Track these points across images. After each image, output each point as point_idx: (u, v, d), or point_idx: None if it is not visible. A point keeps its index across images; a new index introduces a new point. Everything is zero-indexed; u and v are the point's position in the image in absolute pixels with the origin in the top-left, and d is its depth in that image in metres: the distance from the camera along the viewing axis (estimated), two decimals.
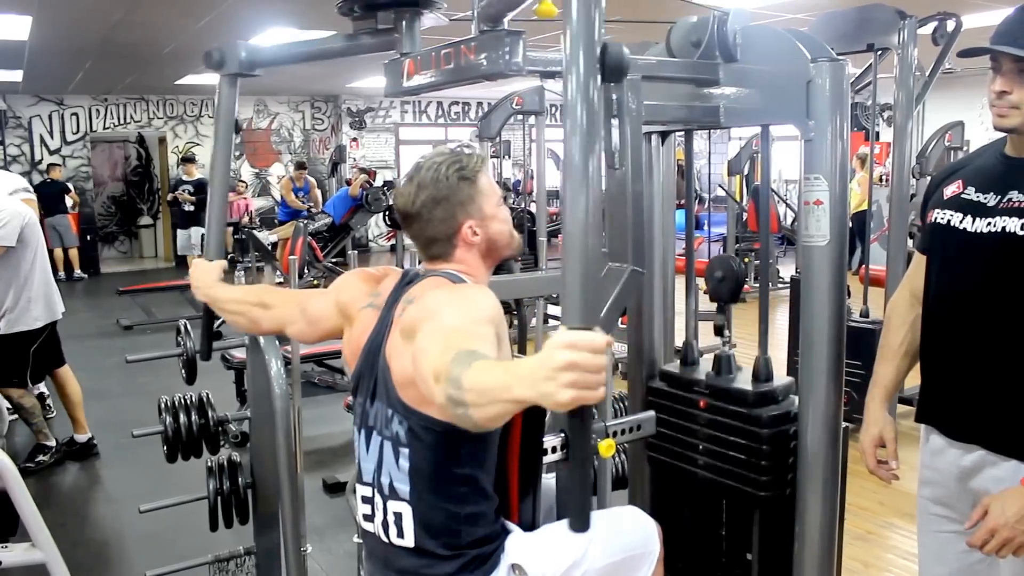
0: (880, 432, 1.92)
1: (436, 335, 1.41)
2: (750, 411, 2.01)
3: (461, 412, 1.24)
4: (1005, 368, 1.71)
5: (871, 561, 3.36)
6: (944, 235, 1.81)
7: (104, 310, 8.96)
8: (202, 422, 2.63)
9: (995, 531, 1.59)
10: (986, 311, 1.72)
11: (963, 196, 1.79)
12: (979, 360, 1.74)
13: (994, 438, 1.73)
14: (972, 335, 1.75)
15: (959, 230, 1.77)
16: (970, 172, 1.83)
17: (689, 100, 2.01)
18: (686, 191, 2.36)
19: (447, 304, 1.55)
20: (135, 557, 3.59)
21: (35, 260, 4.39)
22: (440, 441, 1.59)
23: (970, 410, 1.77)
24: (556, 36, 1.30)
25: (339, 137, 14.96)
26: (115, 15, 6.86)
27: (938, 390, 1.85)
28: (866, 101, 6.91)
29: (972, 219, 1.75)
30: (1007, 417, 1.71)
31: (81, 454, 4.74)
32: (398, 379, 1.61)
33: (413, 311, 1.57)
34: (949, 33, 4.80)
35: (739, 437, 2.03)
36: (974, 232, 1.74)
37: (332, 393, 5.30)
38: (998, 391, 1.72)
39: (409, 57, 1.87)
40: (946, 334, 1.81)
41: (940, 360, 1.84)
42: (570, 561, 1.69)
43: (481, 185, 1.71)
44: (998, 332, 1.71)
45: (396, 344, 1.60)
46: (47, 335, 4.50)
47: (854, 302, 4.74)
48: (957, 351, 1.79)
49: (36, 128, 12.97)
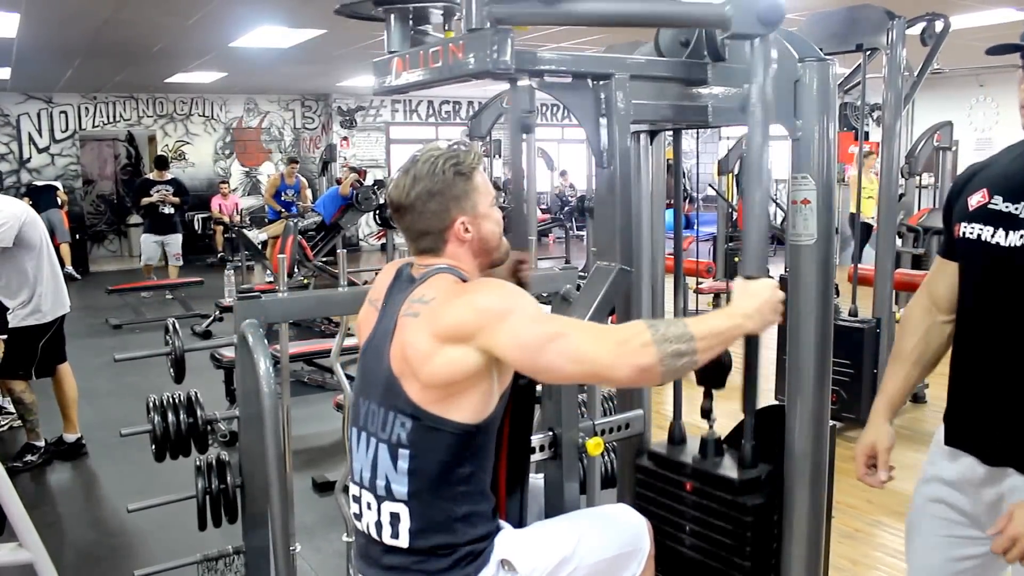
0: (873, 442, 1.87)
1: (546, 323, 1.57)
2: (735, 499, 2.00)
3: (684, 362, 1.52)
4: None
5: (859, 559, 3.37)
6: (976, 251, 1.69)
7: (93, 309, 8.92)
8: (191, 421, 2.62)
9: (1018, 538, 1.53)
10: (1022, 329, 1.63)
11: (991, 207, 1.67)
12: (1015, 379, 1.65)
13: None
14: (1007, 354, 1.66)
15: (992, 245, 1.65)
16: (996, 179, 1.71)
17: (678, 99, 2.02)
18: (674, 190, 2.36)
19: (507, 298, 1.59)
20: (123, 556, 3.57)
21: (41, 257, 4.40)
22: (450, 442, 1.60)
23: (1004, 432, 1.67)
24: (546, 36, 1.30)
25: (329, 136, 14.94)
26: (104, 13, 6.83)
27: (970, 412, 1.75)
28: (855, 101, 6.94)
29: (1005, 232, 1.63)
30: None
31: (70, 453, 4.72)
32: (423, 380, 1.59)
33: (460, 313, 1.57)
34: (937, 33, 4.83)
35: (724, 522, 2.02)
36: (1008, 247, 1.62)
37: (322, 392, 5.29)
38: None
39: (398, 55, 1.87)
40: (981, 353, 1.71)
41: (974, 380, 1.74)
42: (560, 557, 1.70)
43: (476, 182, 1.72)
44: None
45: (417, 346, 1.59)
46: (55, 330, 4.53)
47: (843, 301, 4.77)
48: (993, 371, 1.69)
49: (24, 126, 12.91)
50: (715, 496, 2.04)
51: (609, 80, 1.80)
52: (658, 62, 2.00)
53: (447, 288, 1.64)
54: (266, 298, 2.50)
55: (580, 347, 1.53)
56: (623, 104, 1.80)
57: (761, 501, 1.99)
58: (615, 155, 1.83)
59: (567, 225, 12.94)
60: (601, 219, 1.96)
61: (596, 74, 1.83)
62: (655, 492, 2.18)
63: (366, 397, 1.71)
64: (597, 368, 1.55)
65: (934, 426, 1.88)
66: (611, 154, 1.84)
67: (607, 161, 1.84)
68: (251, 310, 2.40)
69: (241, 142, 14.61)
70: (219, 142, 14.48)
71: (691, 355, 1.52)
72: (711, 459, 2.10)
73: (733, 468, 2.06)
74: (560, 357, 1.53)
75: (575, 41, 8.07)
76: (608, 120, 1.82)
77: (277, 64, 10.13)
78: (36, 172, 12.67)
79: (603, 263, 1.90)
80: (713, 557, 2.05)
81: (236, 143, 14.53)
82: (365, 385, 1.73)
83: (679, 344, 1.50)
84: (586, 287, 1.95)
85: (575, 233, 13.31)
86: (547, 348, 1.53)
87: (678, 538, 2.13)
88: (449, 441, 1.60)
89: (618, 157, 1.83)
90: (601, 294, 1.84)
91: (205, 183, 14.02)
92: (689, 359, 1.52)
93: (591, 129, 1.85)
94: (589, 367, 1.55)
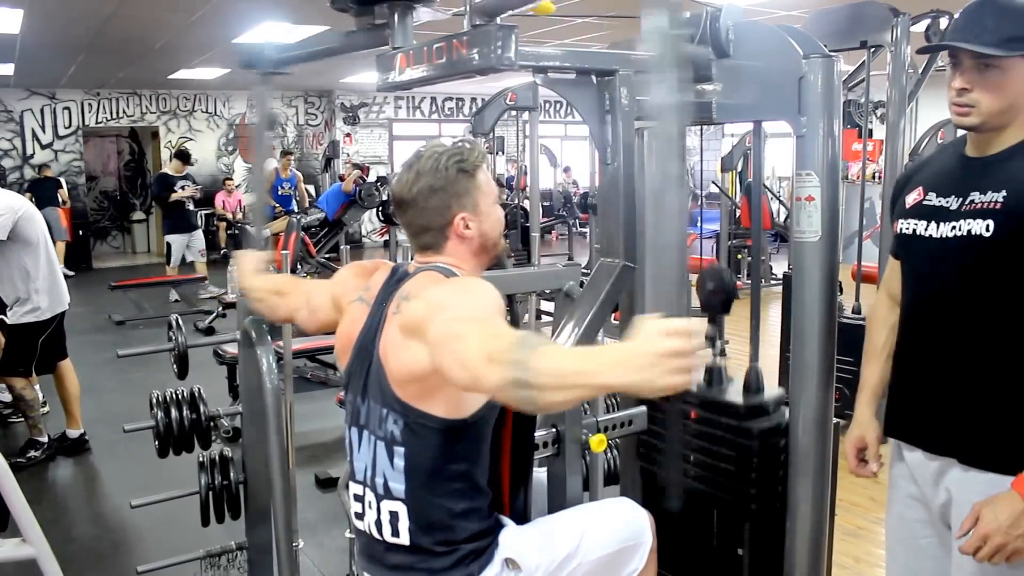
0: (862, 434, 1.91)
1: (461, 323, 1.41)
2: (740, 423, 2.01)
3: (524, 395, 1.25)
4: (981, 375, 1.66)
5: (862, 556, 3.37)
6: (911, 244, 1.78)
7: (96, 305, 8.93)
8: (194, 417, 2.63)
9: (987, 537, 1.55)
10: (959, 317, 1.68)
11: (925, 203, 1.75)
12: (954, 368, 1.70)
13: (968, 450, 1.67)
14: (946, 342, 1.71)
15: (925, 237, 1.73)
16: (929, 177, 1.79)
17: None
18: None
19: (457, 295, 1.55)
20: (126, 552, 3.58)
21: (38, 253, 4.38)
22: (438, 438, 1.59)
23: (944, 421, 1.72)
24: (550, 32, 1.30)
25: (333, 132, 14.94)
26: (107, 9, 6.83)
27: (909, 402, 1.80)
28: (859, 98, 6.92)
29: (936, 225, 1.71)
30: (982, 427, 1.66)
31: (73, 449, 4.73)
32: (396, 376, 1.60)
33: (416, 307, 1.56)
34: (942, 31, 4.81)
35: (729, 449, 2.03)
36: (940, 238, 1.70)
37: (325, 388, 5.29)
38: (973, 401, 1.67)
39: (401, 51, 1.87)
40: (920, 343, 1.77)
41: (913, 370, 1.80)
42: (564, 554, 1.70)
43: (479, 180, 1.71)
44: (972, 338, 1.66)
45: (394, 341, 1.60)
46: (55, 326, 4.52)
47: (846, 298, 4.76)
48: (931, 360, 1.74)
49: (28, 122, 12.90)
50: (720, 423, 2.05)
51: (613, 76, 1.80)
52: None
53: (424, 283, 1.64)
54: None
55: (450, 348, 1.38)
56: (627, 100, 1.80)
57: (767, 426, 2.00)
58: (619, 151, 1.83)
59: (570, 222, 12.93)
60: (605, 216, 1.96)
61: (600, 70, 1.83)
62: (658, 424, 2.17)
63: (363, 395, 1.71)
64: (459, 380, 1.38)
65: None
66: (615, 150, 1.84)
67: (611, 157, 1.84)
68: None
69: (244, 138, 14.61)
70: (222, 138, 14.48)
71: (529, 389, 1.24)
72: (716, 387, 2.11)
73: (738, 394, 2.08)
74: (451, 357, 1.38)
75: (579, 38, 8.07)
76: (612, 116, 1.82)
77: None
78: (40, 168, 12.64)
79: (608, 260, 1.90)
80: (718, 487, 2.06)
81: (239, 139, 14.52)
82: (358, 383, 1.73)
83: (518, 372, 1.24)
84: (589, 284, 1.95)
85: (578, 230, 13.30)
86: (443, 347, 1.40)
87: (683, 469, 2.13)
88: (436, 437, 1.59)
89: (622, 153, 1.83)
90: (605, 291, 1.84)
91: (208, 179, 14.01)
92: (527, 393, 1.24)
93: (595, 125, 1.85)
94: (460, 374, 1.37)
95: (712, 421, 2.06)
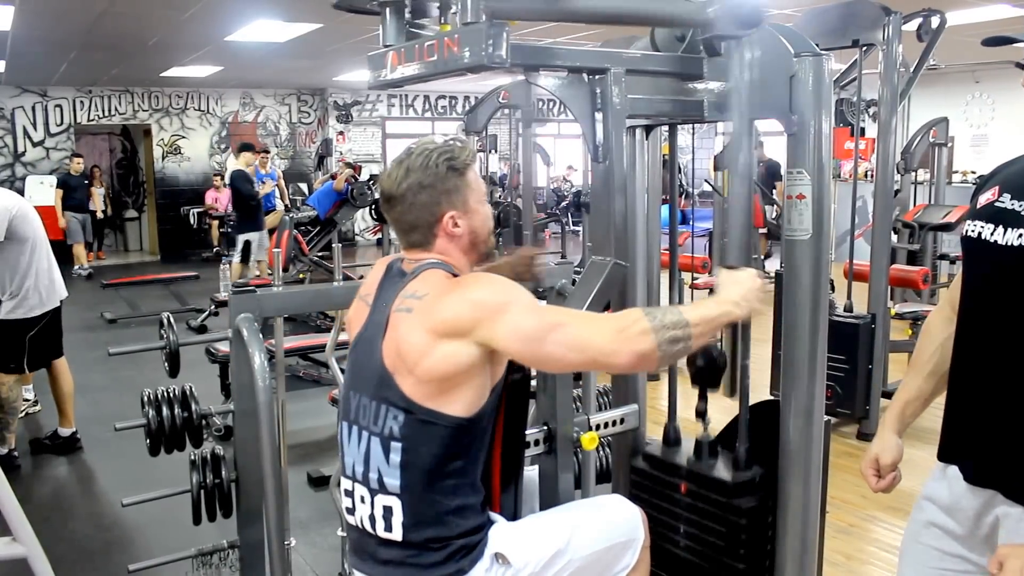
0: (876, 455, 1.76)
1: (547, 314, 1.64)
2: (729, 501, 2.00)
3: (680, 347, 1.59)
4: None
5: (853, 554, 3.38)
6: (974, 250, 1.59)
7: (88, 303, 8.90)
8: (185, 415, 2.62)
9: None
10: (1016, 337, 1.50)
11: (997, 204, 1.55)
12: (1004, 393, 1.52)
13: (1014, 484, 1.51)
14: (999, 365, 1.53)
15: (990, 243, 1.53)
16: (1010, 175, 1.59)
17: (673, 94, 2.02)
18: (670, 185, 2.36)
19: (502, 292, 1.61)
20: (118, 551, 3.57)
21: (33, 251, 4.36)
22: (443, 435, 1.60)
23: (991, 450, 1.55)
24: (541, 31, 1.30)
25: (326, 131, 14.91)
26: (99, 6, 6.81)
27: (956, 426, 1.64)
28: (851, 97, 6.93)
29: (1004, 230, 1.51)
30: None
31: (64, 448, 4.71)
32: (417, 375, 1.60)
33: (457, 308, 1.58)
34: (934, 29, 4.83)
35: (718, 524, 2.02)
36: (1006, 245, 1.50)
37: (317, 387, 5.28)
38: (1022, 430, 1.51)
39: (393, 49, 1.87)
40: (971, 362, 1.60)
41: (961, 390, 1.63)
42: (553, 550, 1.70)
43: (468, 178, 1.72)
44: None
45: (412, 341, 1.60)
46: (46, 324, 4.48)
47: (838, 297, 4.78)
48: (981, 381, 1.57)
49: (19, 120, 12.84)
50: (709, 498, 2.04)
51: (605, 75, 1.80)
52: (653, 57, 2.00)
53: (440, 283, 1.64)
54: (261, 293, 2.50)
55: (580, 335, 1.59)
56: (619, 99, 1.80)
57: (755, 504, 2.00)
58: (611, 150, 1.83)
59: (563, 220, 12.94)
60: (597, 214, 1.96)
61: (591, 68, 1.83)
62: (650, 494, 2.18)
63: (357, 391, 1.71)
64: (598, 355, 1.61)
65: (932, 423, 1.78)
66: (607, 149, 1.84)
67: (603, 156, 1.84)
68: (246, 304, 2.40)
69: (237, 136, 14.55)
70: (215, 136, 14.44)
71: (686, 340, 1.59)
72: (705, 461, 2.11)
73: (727, 470, 2.07)
74: (561, 346, 1.58)
75: (570, 36, 8.06)
76: (604, 115, 1.82)
77: (273, 58, 10.09)
78: (31, 166, 12.59)
79: (598, 258, 1.90)
80: (707, 559, 2.05)
81: (232, 137, 14.47)
82: (356, 379, 1.73)
83: (675, 331, 1.57)
84: (581, 281, 1.95)
85: (571, 228, 13.31)
86: (548, 338, 1.57)
87: (673, 539, 2.13)
88: (442, 435, 1.60)
89: (613, 152, 1.83)
90: (596, 288, 1.85)
91: (201, 177, 13.99)
92: (684, 344, 1.60)
93: (587, 124, 1.85)
94: (590, 355, 1.62)
95: (702, 496, 2.06)
